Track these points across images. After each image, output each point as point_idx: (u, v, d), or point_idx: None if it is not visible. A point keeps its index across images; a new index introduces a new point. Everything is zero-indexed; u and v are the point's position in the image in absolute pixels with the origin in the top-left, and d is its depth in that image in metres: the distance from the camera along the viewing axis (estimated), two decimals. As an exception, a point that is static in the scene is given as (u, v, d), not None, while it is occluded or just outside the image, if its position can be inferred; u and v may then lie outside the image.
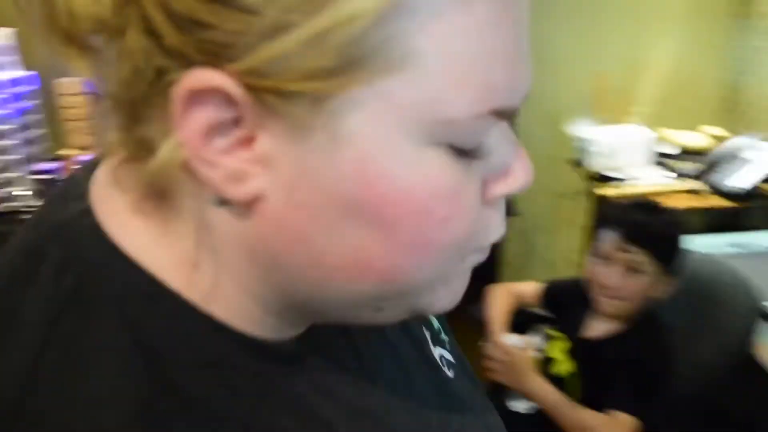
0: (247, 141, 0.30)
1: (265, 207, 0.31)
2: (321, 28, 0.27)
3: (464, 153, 0.31)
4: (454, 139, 0.30)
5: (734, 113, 2.39)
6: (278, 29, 0.27)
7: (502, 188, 0.34)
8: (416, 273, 0.33)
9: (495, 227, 0.35)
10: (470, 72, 0.29)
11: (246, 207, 0.31)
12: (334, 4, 0.26)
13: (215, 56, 0.28)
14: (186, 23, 0.27)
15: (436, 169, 0.31)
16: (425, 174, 0.30)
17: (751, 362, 1.36)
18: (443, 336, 0.50)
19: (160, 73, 0.29)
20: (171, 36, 0.28)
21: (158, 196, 0.32)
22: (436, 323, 0.51)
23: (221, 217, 0.32)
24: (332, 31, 0.27)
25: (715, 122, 2.36)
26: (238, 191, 0.30)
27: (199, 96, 0.28)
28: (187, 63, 0.28)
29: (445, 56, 0.29)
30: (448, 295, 0.36)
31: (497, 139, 0.33)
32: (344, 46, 0.27)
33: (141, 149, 0.31)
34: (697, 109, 2.37)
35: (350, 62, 0.28)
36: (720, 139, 2.24)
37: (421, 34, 0.28)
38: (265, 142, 0.29)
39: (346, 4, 0.27)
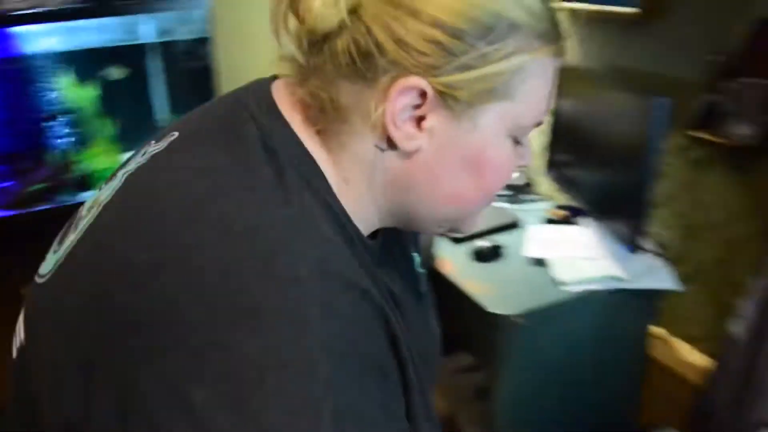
0: (420, 118, 0.53)
1: (418, 155, 0.54)
2: (488, 72, 0.51)
3: (517, 142, 0.57)
4: (518, 134, 0.56)
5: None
6: (467, 67, 0.51)
7: (520, 163, 0.59)
8: (478, 206, 0.59)
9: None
10: (539, 103, 0.56)
11: (407, 154, 0.54)
12: (498, 62, 0.51)
13: (423, 70, 0.50)
14: (408, 48, 0.49)
15: (508, 150, 0.56)
16: (504, 151, 0.56)
17: (435, 272, 1.68)
18: (420, 269, 0.75)
19: (380, 71, 0.50)
20: (393, 52, 0.50)
21: (336, 134, 0.54)
22: (417, 259, 0.75)
23: (385, 157, 0.54)
24: (492, 75, 0.51)
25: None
26: (408, 145, 0.53)
27: (407, 89, 0.51)
28: (402, 69, 0.50)
29: (531, 96, 0.54)
30: (475, 223, 0.63)
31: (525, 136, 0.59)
32: (494, 82, 0.52)
33: (333, 107, 0.53)
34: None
35: (493, 91, 0.52)
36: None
37: (524, 84, 0.53)
38: (431, 120, 0.53)
39: (502, 64, 0.51)
